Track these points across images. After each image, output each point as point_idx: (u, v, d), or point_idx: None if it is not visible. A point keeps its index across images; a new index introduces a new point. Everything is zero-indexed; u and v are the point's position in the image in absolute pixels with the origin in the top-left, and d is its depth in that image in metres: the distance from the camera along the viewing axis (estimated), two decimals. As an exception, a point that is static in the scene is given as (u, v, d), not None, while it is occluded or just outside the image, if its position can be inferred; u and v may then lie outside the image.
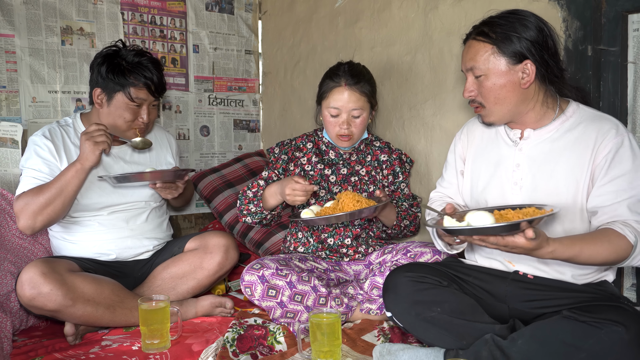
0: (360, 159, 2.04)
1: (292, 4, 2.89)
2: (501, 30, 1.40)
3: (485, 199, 1.54)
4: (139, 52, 1.93)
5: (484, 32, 1.42)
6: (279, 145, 2.07)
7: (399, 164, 2.06)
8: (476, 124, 1.65)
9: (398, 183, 2.04)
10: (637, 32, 1.68)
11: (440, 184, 1.74)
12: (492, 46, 1.40)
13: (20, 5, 2.35)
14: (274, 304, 1.72)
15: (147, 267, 1.98)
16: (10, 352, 1.57)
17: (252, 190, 1.94)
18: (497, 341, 1.29)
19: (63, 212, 1.79)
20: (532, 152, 1.47)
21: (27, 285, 1.59)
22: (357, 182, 2.00)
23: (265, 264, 1.74)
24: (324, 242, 1.98)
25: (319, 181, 1.99)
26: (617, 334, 1.18)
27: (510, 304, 1.46)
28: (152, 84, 1.89)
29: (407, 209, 2.00)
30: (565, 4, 1.74)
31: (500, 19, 1.43)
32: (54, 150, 1.85)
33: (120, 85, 1.85)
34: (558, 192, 1.41)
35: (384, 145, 2.08)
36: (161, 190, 1.94)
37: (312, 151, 2.04)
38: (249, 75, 3.07)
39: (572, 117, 1.45)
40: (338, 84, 1.89)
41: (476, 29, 1.46)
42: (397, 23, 2.31)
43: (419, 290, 1.44)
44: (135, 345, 1.60)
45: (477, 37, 1.44)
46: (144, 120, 1.92)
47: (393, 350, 1.43)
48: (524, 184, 1.46)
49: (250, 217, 1.94)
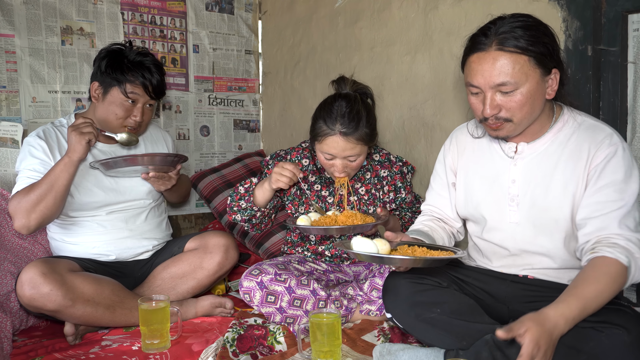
0: (360, 176, 1.94)
1: (292, 4, 2.89)
2: (530, 38, 1.27)
3: (482, 215, 1.51)
4: (143, 52, 1.93)
5: (513, 42, 1.27)
6: (273, 157, 1.98)
7: (400, 178, 1.95)
8: (464, 133, 1.60)
9: (400, 199, 1.97)
10: (637, 32, 1.67)
11: (429, 194, 1.69)
12: (527, 57, 1.27)
13: (20, 5, 2.35)
14: (274, 310, 1.71)
15: (147, 267, 1.98)
16: (10, 352, 1.57)
17: (244, 186, 1.88)
18: (497, 342, 1.29)
19: (56, 208, 1.76)
20: (528, 167, 1.43)
21: (27, 285, 1.59)
22: (356, 202, 1.91)
23: (264, 270, 1.72)
24: (322, 254, 1.97)
25: (316, 201, 1.92)
26: (618, 337, 1.17)
27: (510, 305, 1.46)
28: (149, 84, 1.89)
29: (411, 218, 1.98)
30: (565, 4, 1.74)
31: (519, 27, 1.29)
32: (48, 150, 1.85)
33: (117, 80, 1.85)
34: (555, 207, 1.38)
35: (384, 158, 1.97)
36: (154, 181, 1.93)
37: (309, 169, 1.95)
38: (249, 75, 3.07)
39: (565, 126, 1.41)
40: (332, 131, 1.71)
41: (498, 37, 1.29)
42: (397, 23, 2.31)
43: (418, 291, 1.44)
44: (135, 345, 1.60)
45: (505, 47, 1.28)
46: (136, 118, 1.90)
47: (393, 350, 1.43)
48: (520, 200, 1.43)
49: (240, 214, 1.88)
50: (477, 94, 1.36)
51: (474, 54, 1.33)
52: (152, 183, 1.95)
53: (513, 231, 1.45)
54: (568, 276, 1.42)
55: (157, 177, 1.91)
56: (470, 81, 1.35)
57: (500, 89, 1.30)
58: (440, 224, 1.65)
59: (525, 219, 1.43)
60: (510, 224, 1.45)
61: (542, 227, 1.41)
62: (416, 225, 1.64)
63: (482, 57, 1.31)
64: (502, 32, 1.29)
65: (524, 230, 1.44)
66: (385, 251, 1.37)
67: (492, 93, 1.32)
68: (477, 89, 1.34)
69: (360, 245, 1.38)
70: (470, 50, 1.35)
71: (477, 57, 1.32)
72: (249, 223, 1.91)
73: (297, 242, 2.02)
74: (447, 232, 1.64)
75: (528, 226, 1.43)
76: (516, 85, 1.29)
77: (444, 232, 1.63)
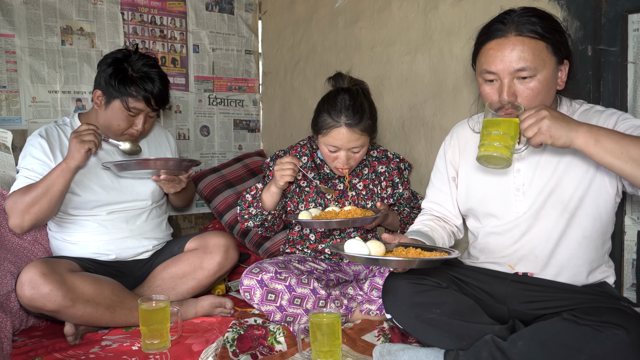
0: (357, 172, 1.98)
1: (292, 4, 2.89)
2: (546, 26, 1.31)
3: (487, 208, 1.52)
4: (149, 62, 1.91)
5: (530, 27, 1.30)
6: (272, 159, 2.01)
7: (398, 174, 1.99)
8: (465, 129, 1.61)
9: (398, 194, 2.00)
10: (637, 32, 1.67)
11: (430, 191, 1.70)
12: (545, 44, 1.31)
13: (20, 5, 2.35)
14: (274, 308, 1.72)
15: (147, 267, 1.98)
16: (10, 352, 1.57)
17: (251, 193, 1.91)
18: (497, 342, 1.29)
19: (50, 211, 1.77)
20: (532, 154, 1.45)
21: (27, 285, 1.59)
22: (354, 197, 1.95)
23: (264, 268, 1.73)
24: (321, 252, 1.98)
25: (315, 198, 1.95)
26: (618, 337, 1.17)
27: (510, 305, 1.45)
28: (151, 98, 1.88)
29: (409, 213, 1.99)
30: (565, 4, 1.74)
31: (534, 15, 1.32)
32: (49, 149, 1.85)
33: (120, 93, 1.85)
34: (562, 190, 1.40)
35: (382, 155, 2.02)
36: (165, 183, 1.93)
37: (308, 166, 1.98)
38: (249, 75, 3.07)
39: (568, 113, 1.44)
40: (337, 123, 1.76)
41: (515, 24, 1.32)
42: (397, 23, 2.31)
43: (418, 292, 1.44)
44: (135, 345, 1.60)
45: (525, 33, 1.30)
46: (137, 128, 1.91)
47: (393, 351, 1.43)
48: (526, 189, 1.44)
49: (252, 221, 1.91)
50: (493, 82, 1.37)
51: (492, 40, 1.35)
52: (162, 185, 1.95)
53: (518, 220, 1.46)
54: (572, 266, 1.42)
55: (167, 180, 1.92)
56: (488, 67, 1.36)
57: (519, 74, 1.31)
58: (440, 223, 1.65)
59: (531, 206, 1.43)
60: (515, 214, 1.46)
61: (547, 213, 1.42)
62: (416, 225, 1.64)
63: (502, 42, 1.33)
64: (519, 19, 1.32)
65: (528, 218, 1.44)
66: (380, 253, 1.37)
67: (509, 79, 1.33)
68: (493, 75, 1.35)
69: (353, 248, 1.38)
70: (487, 38, 1.37)
71: (496, 43, 1.34)
72: (262, 227, 1.94)
73: (297, 239, 2.03)
74: (447, 232, 1.64)
75: (533, 214, 1.43)
76: (535, 72, 1.31)
77: (444, 232, 1.63)
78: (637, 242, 1.73)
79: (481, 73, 1.39)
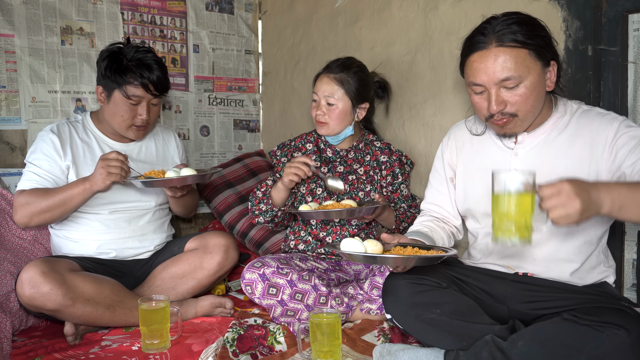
0: (359, 158, 2.04)
1: (292, 4, 2.89)
2: (527, 32, 1.31)
3: (485, 208, 1.50)
4: (142, 49, 1.92)
5: (511, 37, 1.30)
6: (279, 147, 2.09)
7: (399, 165, 2.05)
8: (463, 130, 1.61)
9: (397, 184, 2.04)
10: (637, 32, 1.67)
11: (428, 192, 1.70)
12: (527, 50, 1.30)
13: (20, 5, 2.35)
14: (275, 302, 1.72)
15: (147, 267, 1.98)
16: (10, 352, 1.57)
17: (261, 190, 1.97)
18: (497, 342, 1.29)
19: (60, 219, 1.84)
20: (529, 156, 1.44)
21: (27, 284, 1.59)
22: (354, 180, 2.00)
23: (266, 263, 1.75)
24: (322, 240, 1.99)
25: (316, 179, 2.00)
26: (618, 338, 1.17)
27: (510, 305, 1.45)
28: (149, 83, 1.88)
29: (406, 211, 2.00)
30: (566, 4, 1.74)
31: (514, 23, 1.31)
32: (59, 145, 1.87)
33: (117, 83, 1.85)
34: None
35: (385, 146, 2.07)
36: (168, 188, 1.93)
37: (312, 151, 2.05)
38: (249, 75, 3.07)
39: (565, 113, 1.44)
40: (322, 72, 1.98)
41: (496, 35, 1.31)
42: (397, 23, 2.31)
43: (418, 292, 1.44)
44: (135, 345, 1.60)
45: (505, 43, 1.30)
46: (142, 117, 1.91)
47: (393, 351, 1.43)
48: None
49: (262, 217, 1.95)
50: (481, 93, 1.37)
51: (475, 53, 1.35)
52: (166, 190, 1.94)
53: None
54: (570, 269, 1.42)
55: None
56: (474, 80, 1.36)
57: (505, 85, 1.32)
58: (439, 224, 1.65)
59: None
60: None
61: None
62: (415, 226, 1.64)
63: (484, 55, 1.33)
64: (499, 29, 1.32)
65: None
66: (377, 252, 1.37)
67: (496, 89, 1.34)
68: (481, 87, 1.36)
69: (349, 246, 1.38)
70: (470, 50, 1.37)
71: (479, 55, 1.34)
72: (272, 223, 1.99)
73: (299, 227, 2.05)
74: (447, 232, 1.64)
75: None
76: (520, 79, 1.31)
77: (444, 232, 1.63)
78: (637, 242, 1.73)
79: (469, 85, 1.40)
